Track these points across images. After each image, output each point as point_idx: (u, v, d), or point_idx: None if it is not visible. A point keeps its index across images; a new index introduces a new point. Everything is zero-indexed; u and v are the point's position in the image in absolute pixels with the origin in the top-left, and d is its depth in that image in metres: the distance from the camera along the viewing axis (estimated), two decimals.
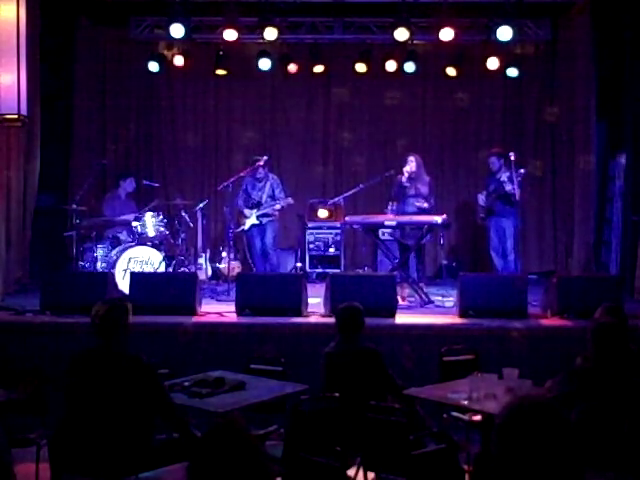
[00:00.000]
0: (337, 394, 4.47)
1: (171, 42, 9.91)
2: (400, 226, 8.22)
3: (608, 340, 3.66)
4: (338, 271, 9.50)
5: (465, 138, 10.78)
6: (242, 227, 9.25)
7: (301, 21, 9.82)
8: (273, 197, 9.16)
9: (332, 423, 4.29)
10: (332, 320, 5.21)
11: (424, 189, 8.68)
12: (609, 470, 3.14)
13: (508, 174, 8.54)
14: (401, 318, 6.80)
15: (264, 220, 9.15)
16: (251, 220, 9.15)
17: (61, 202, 9.27)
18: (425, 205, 8.56)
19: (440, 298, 7.96)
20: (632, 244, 8.80)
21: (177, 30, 8.79)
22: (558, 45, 10.23)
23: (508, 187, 8.52)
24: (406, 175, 8.60)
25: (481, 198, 8.99)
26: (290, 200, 9.21)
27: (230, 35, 9.01)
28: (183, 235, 8.99)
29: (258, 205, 9.14)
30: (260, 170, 9.08)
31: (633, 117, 9.14)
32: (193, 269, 8.86)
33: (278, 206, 9.14)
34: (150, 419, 4.00)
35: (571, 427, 1.94)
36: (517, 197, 8.46)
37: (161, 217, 8.77)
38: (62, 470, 3.91)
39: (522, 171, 8.46)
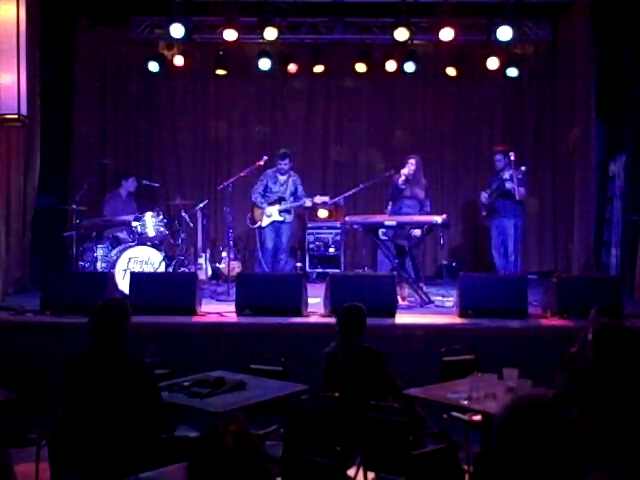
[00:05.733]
0: (337, 394, 4.46)
1: (171, 42, 9.91)
2: (400, 226, 8.21)
3: (610, 341, 3.66)
4: (338, 271, 9.49)
5: (465, 138, 10.79)
6: (259, 224, 9.02)
7: (301, 21, 9.82)
8: (295, 194, 9.03)
9: (332, 423, 4.28)
10: (332, 320, 5.20)
11: (420, 193, 8.61)
12: (609, 470, 3.13)
13: (511, 172, 8.56)
14: (401, 318, 6.80)
15: (288, 217, 8.98)
16: (272, 217, 8.94)
17: (61, 202, 9.26)
18: (420, 207, 8.54)
19: (440, 298, 7.97)
20: (632, 244, 8.79)
21: (177, 30, 8.81)
22: (558, 45, 10.24)
23: (509, 185, 8.55)
24: (402, 178, 8.53)
25: (484, 196, 8.98)
26: (326, 198, 9.06)
27: (230, 35, 9.01)
28: (183, 235, 8.97)
29: (280, 200, 8.96)
30: (284, 162, 8.89)
31: (633, 117, 9.15)
32: (193, 269, 8.86)
33: (309, 203, 9.02)
34: (148, 419, 4.00)
35: (572, 426, 1.93)
36: (518, 197, 8.48)
37: (161, 217, 8.74)
38: (62, 470, 3.90)
39: (523, 169, 8.49)
